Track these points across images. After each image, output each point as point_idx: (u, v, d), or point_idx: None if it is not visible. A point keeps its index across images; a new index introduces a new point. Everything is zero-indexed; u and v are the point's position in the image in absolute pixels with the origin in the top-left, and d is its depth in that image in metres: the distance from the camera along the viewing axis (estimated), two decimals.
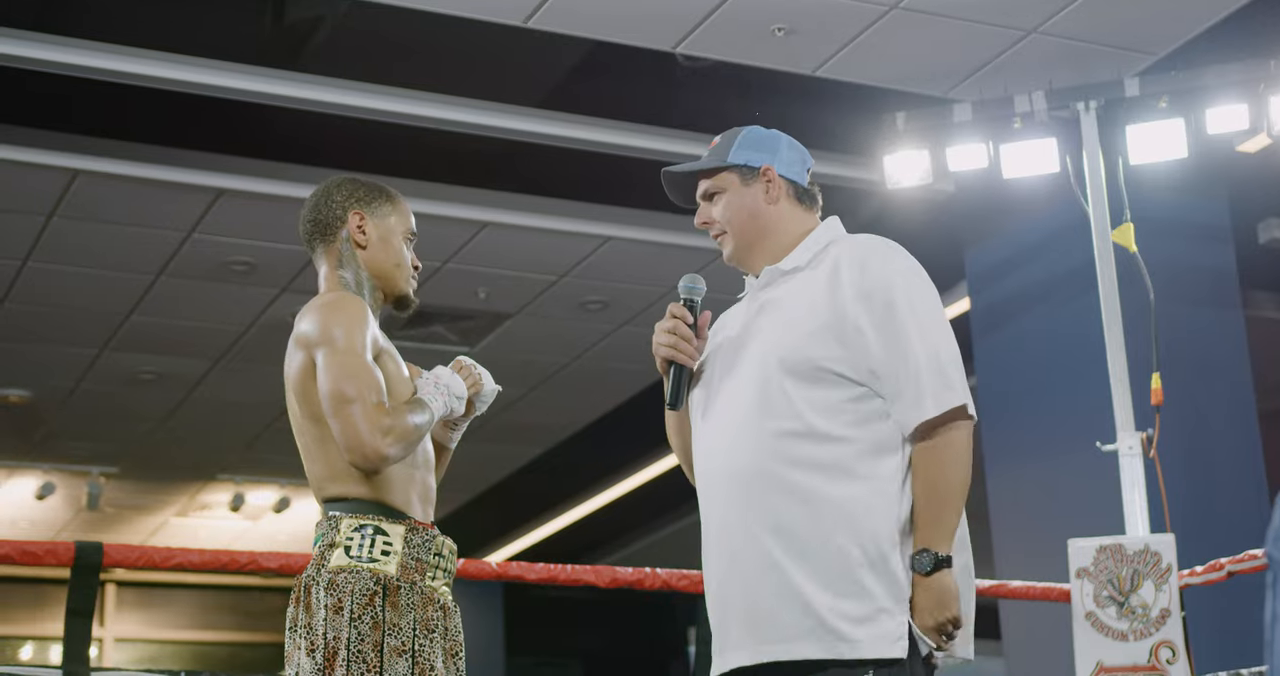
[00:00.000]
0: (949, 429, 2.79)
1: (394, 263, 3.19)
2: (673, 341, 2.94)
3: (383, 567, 2.92)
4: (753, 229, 3.01)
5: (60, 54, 6.23)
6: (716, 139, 3.10)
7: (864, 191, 7.57)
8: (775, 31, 6.26)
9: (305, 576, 2.96)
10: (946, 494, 2.75)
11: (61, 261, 8.00)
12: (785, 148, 3.07)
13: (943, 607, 2.71)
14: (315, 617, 2.89)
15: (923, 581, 2.71)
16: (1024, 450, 7.37)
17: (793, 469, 2.78)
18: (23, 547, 4.27)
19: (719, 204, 3.03)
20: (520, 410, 10.45)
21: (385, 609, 2.89)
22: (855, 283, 2.85)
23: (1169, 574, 5.19)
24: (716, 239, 3.05)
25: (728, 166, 3.03)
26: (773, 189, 3.02)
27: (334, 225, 3.17)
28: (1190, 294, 7.01)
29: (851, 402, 2.81)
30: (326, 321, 2.99)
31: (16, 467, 11.33)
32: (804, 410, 2.80)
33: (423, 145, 7.17)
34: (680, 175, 3.08)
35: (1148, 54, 6.51)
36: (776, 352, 2.84)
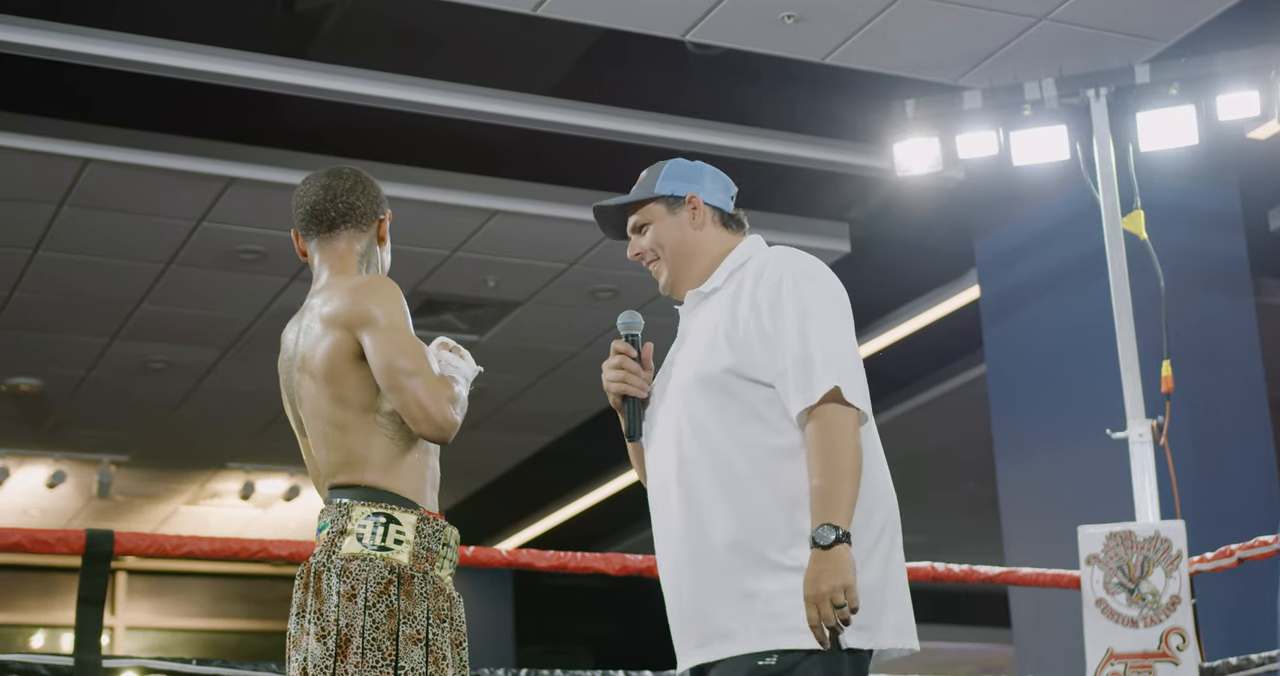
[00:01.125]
0: (829, 412, 2.83)
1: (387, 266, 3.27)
2: (621, 375, 3.06)
3: (395, 556, 2.95)
4: (681, 254, 3.11)
5: (70, 42, 6.23)
6: (642, 174, 3.20)
7: (874, 179, 7.57)
8: (785, 19, 6.25)
9: (314, 562, 2.97)
10: (837, 470, 2.78)
11: (72, 250, 8.01)
12: (709, 178, 3.17)
13: (837, 574, 2.70)
14: (327, 603, 2.90)
15: (821, 553, 2.72)
16: (1034, 437, 7.37)
17: (716, 476, 2.89)
18: (34, 536, 4.29)
19: (648, 235, 3.14)
20: (529, 398, 10.45)
21: (400, 597, 2.91)
22: (751, 291, 2.97)
23: (1179, 560, 5.18)
24: (650, 267, 3.16)
25: (654, 198, 3.13)
26: (698, 216, 3.12)
27: (370, 216, 3.22)
28: (1201, 281, 7.00)
29: (764, 405, 2.90)
30: (368, 301, 3.02)
31: (27, 456, 11.35)
32: (724, 419, 2.91)
33: (432, 133, 7.18)
34: (611, 210, 3.19)
35: (1158, 41, 6.49)
36: (692, 371, 2.97)
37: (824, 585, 2.69)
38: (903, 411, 10.40)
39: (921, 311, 9.09)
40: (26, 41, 6.18)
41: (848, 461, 2.79)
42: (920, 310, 9.09)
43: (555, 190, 7.74)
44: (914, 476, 12.56)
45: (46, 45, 6.21)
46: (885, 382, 9.91)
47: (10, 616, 13.78)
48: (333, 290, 3.08)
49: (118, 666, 4.53)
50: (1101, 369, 6.22)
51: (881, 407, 10.61)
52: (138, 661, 4.69)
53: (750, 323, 2.93)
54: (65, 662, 4.28)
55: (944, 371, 9.92)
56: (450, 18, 6.38)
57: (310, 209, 3.19)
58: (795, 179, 7.76)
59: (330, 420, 3.02)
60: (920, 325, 9.20)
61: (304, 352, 3.06)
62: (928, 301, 9.01)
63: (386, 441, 3.02)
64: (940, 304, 8.96)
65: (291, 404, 3.17)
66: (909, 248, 8.39)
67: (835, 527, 2.72)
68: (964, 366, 9.65)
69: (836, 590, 2.69)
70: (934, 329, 9.19)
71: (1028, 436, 7.43)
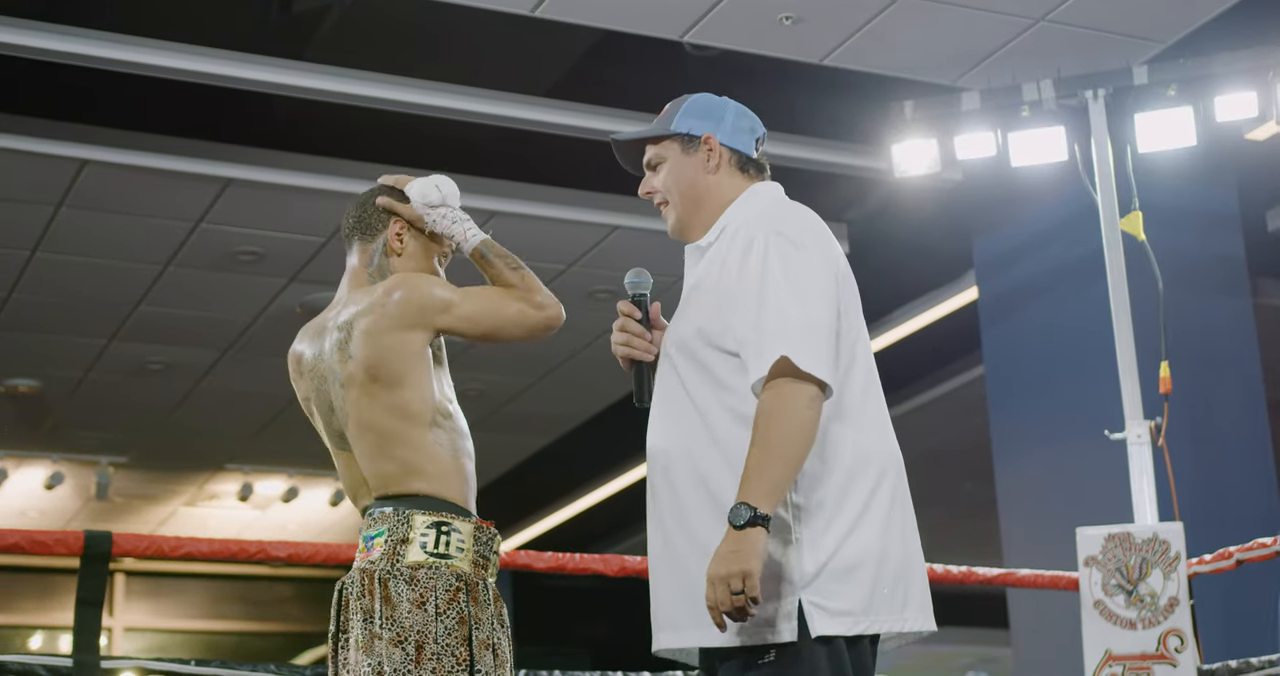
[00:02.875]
0: (780, 384, 2.64)
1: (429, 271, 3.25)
2: (625, 338, 2.94)
3: (459, 564, 2.99)
4: (689, 198, 2.95)
5: (68, 44, 6.23)
6: (667, 106, 3.05)
7: (872, 180, 7.57)
8: (783, 20, 6.25)
9: (377, 569, 2.98)
10: (769, 449, 2.59)
11: (70, 251, 8.00)
12: (731, 115, 3.01)
13: (740, 559, 2.53)
14: (398, 610, 2.93)
15: (733, 534, 2.55)
16: (1032, 438, 7.37)
17: (689, 452, 2.77)
18: (32, 537, 4.29)
19: (661, 173, 2.99)
20: (528, 399, 10.45)
21: (469, 604, 2.96)
22: (729, 252, 2.82)
23: (1177, 562, 5.18)
24: (659, 208, 3.02)
25: (670, 135, 2.99)
26: (713, 158, 2.96)
27: (376, 228, 3.23)
28: (1199, 282, 7.00)
29: (732, 375, 2.76)
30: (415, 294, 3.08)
31: (25, 457, 11.34)
32: (693, 387, 2.79)
33: (430, 134, 7.17)
34: (627, 144, 3.06)
35: (1156, 42, 6.49)
36: (676, 336, 2.85)
37: (724, 567, 2.54)
38: (901, 412, 10.39)
39: (920, 312, 9.09)
40: (24, 42, 6.18)
41: (784, 438, 2.60)
42: (918, 311, 9.08)
43: (553, 191, 7.74)
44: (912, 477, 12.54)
45: (44, 46, 6.21)
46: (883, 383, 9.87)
47: (8, 618, 13.77)
48: (355, 303, 3.10)
49: (116, 667, 4.52)
50: (1100, 370, 6.22)
51: None
52: (136, 662, 4.69)
53: (723, 284, 2.78)
54: (64, 663, 4.28)
55: (942, 372, 9.92)
56: (447, 19, 6.38)
57: (343, 235, 3.27)
58: (793, 180, 7.66)
59: (385, 432, 3.04)
60: (918, 326, 9.20)
61: (350, 367, 3.05)
62: (926, 302, 9.01)
63: (439, 451, 3.06)
64: (938, 305, 8.96)
65: (327, 419, 3.15)
66: (907, 249, 8.39)
67: (752, 508, 2.55)
68: (962, 367, 9.65)
69: (734, 575, 2.53)
70: (932, 330, 9.19)
71: (1026, 437, 7.43)
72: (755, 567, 2.54)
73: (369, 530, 3.04)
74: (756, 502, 2.57)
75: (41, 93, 6.82)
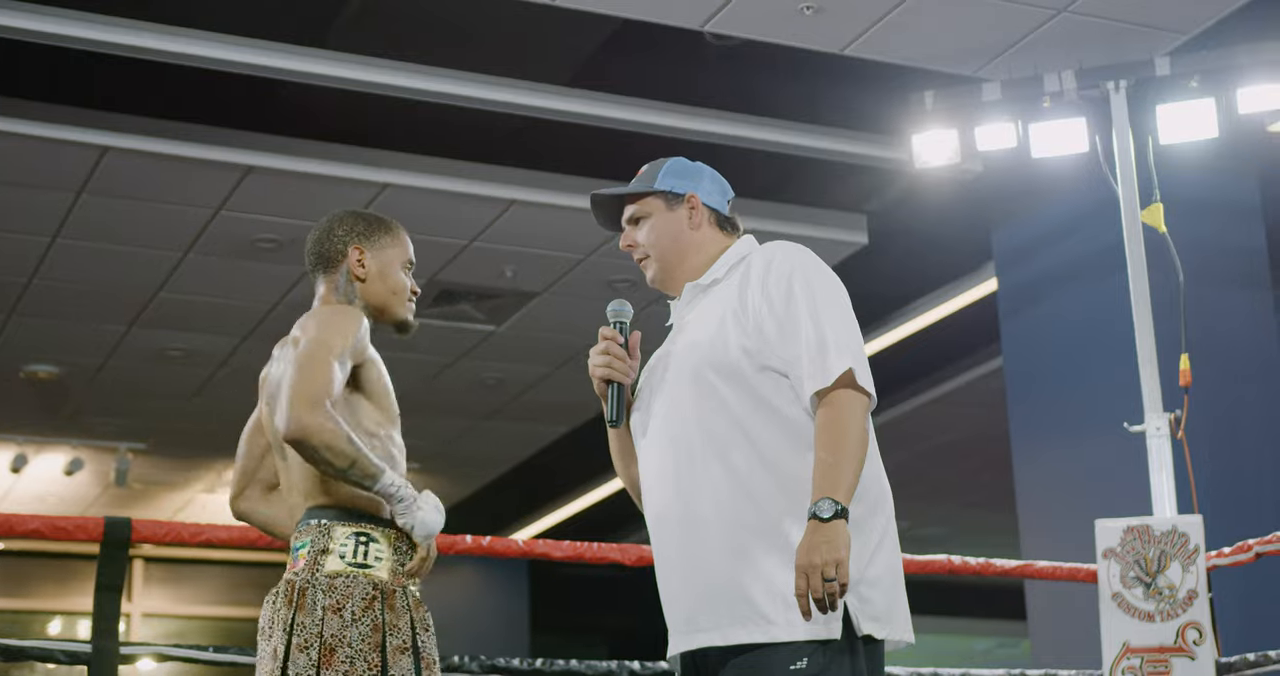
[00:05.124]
0: (841, 395, 2.85)
1: (391, 291, 3.36)
2: (607, 360, 3.08)
3: (376, 573, 3.08)
4: (674, 252, 3.14)
5: (90, 31, 6.24)
6: (643, 168, 3.23)
7: (892, 171, 7.56)
8: (804, 10, 6.24)
9: (298, 579, 3.08)
10: (845, 448, 2.80)
11: (90, 238, 8.02)
12: (708, 179, 3.20)
13: (832, 548, 2.69)
14: (311, 616, 3.02)
15: (819, 525, 2.72)
16: (1051, 431, 7.36)
17: (724, 463, 2.90)
18: (53, 522, 4.30)
19: (644, 228, 3.17)
20: (546, 389, 10.46)
21: (384, 611, 3.05)
22: (761, 279, 2.99)
23: (1196, 555, 5.17)
24: (640, 263, 3.19)
25: (653, 192, 3.17)
26: (695, 215, 3.15)
27: (335, 258, 3.36)
28: (1220, 274, 6.98)
29: (770, 390, 2.93)
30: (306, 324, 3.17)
31: (45, 443, 11.38)
32: (729, 403, 2.93)
33: (450, 122, 7.18)
34: (607, 200, 3.23)
35: (1179, 33, 6.47)
36: (699, 355, 2.98)
37: (817, 556, 2.69)
38: (920, 404, 10.39)
39: (939, 304, 9.08)
40: (45, 29, 6.19)
41: (855, 442, 2.81)
42: (937, 303, 9.07)
43: (573, 180, 7.74)
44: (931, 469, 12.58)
45: (66, 33, 6.22)
46: (902, 375, 9.90)
47: (27, 603, 13.83)
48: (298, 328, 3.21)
49: (135, 653, 4.54)
50: (1119, 362, 6.21)
51: (899, 400, 10.63)
52: (155, 648, 4.70)
53: (763, 309, 2.95)
54: (83, 649, 4.29)
55: (961, 364, 9.91)
56: (468, 7, 6.38)
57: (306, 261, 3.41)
58: (813, 170, 7.75)
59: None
60: (937, 318, 9.19)
61: (278, 380, 3.18)
62: (945, 294, 9.00)
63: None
64: (957, 296, 8.95)
65: (270, 433, 3.29)
66: (926, 240, 8.38)
67: (836, 502, 2.73)
68: (981, 359, 9.64)
69: (829, 563, 2.68)
70: (951, 321, 9.18)
71: (1045, 430, 7.41)
72: (846, 556, 2.70)
73: (296, 541, 3.16)
74: (838, 497, 2.74)
75: (63, 79, 6.84)
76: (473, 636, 13.26)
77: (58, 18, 6.19)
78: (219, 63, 6.45)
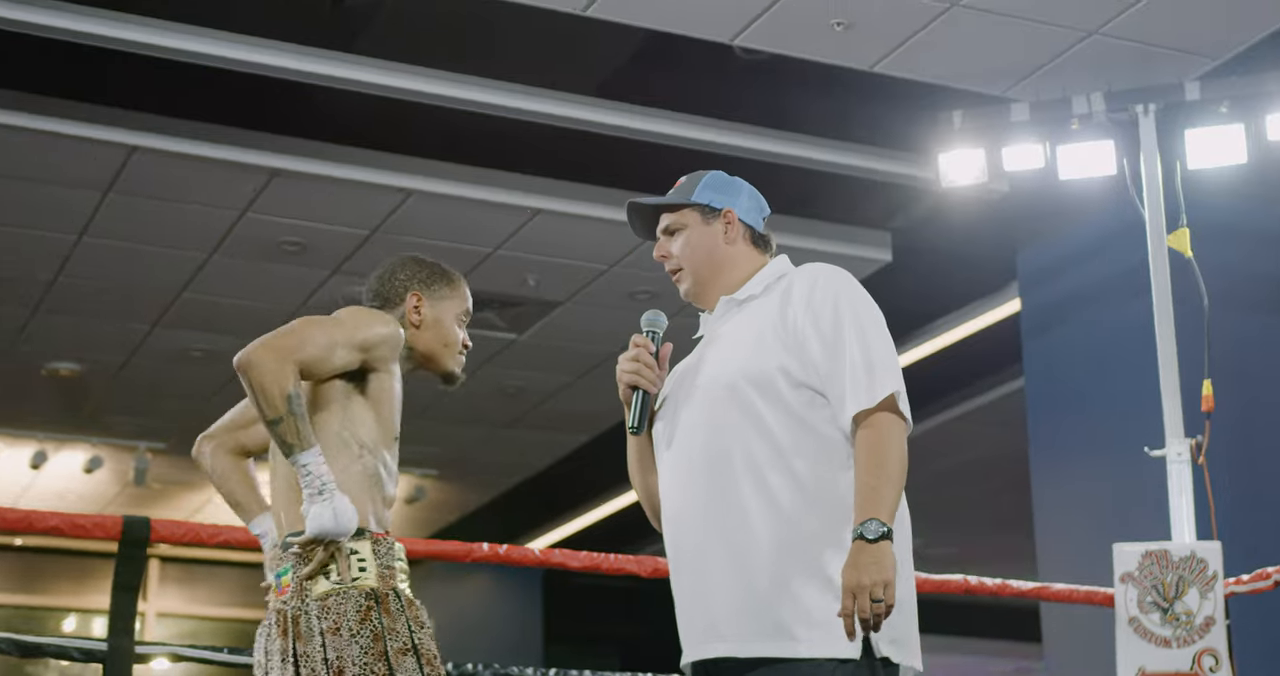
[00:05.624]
0: (884, 418, 2.87)
1: (443, 343, 3.37)
2: (636, 367, 3.09)
3: (366, 582, 3.05)
4: (709, 266, 3.15)
5: (121, 31, 6.27)
6: (681, 179, 3.24)
7: (918, 189, 7.55)
8: (834, 26, 6.24)
9: (288, 608, 3.05)
10: (888, 471, 2.81)
11: (116, 237, 8.05)
12: (746, 195, 3.21)
13: (881, 569, 2.70)
14: (312, 644, 2.99)
15: (865, 545, 2.73)
16: (1071, 453, 7.33)
17: (754, 478, 2.90)
18: (72, 520, 4.31)
19: (678, 240, 3.19)
20: (567, 398, 10.46)
21: (381, 618, 3.02)
22: (805, 298, 2.99)
23: (1214, 581, 5.15)
24: (673, 275, 3.21)
25: (691, 204, 3.18)
26: (731, 230, 3.16)
27: (393, 301, 3.35)
28: (1245, 300, 6.95)
29: (806, 407, 2.93)
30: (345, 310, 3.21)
31: (65, 441, 11.41)
32: (764, 417, 2.93)
33: (476, 130, 7.19)
34: (645, 208, 3.24)
35: (1209, 58, 6.46)
36: (735, 368, 2.98)
37: (866, 577, 2.70)
38: (940, 422, 10.37)
39: (961, 323, 9.06)
40: (76, 27, 6.22)
41: (897, 465, 2.82)
42: (960, 322, 9.06)
43: (598, 191, 7.74)
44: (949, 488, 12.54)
45: (96, 32, 6.25)
46: (923, 393, 9.85)
47: (44, 599, 13.86)
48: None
49: (150, 653, 4.54)
50: (1141, 386, 6.18)
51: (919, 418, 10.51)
52: (170, 648, 4.70)
53: (806, 328, 2.95)
54: (99, 647, 4.30)
55: (982, 384, 9.89)
56: (498, 15, 6.39)
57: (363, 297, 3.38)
58: (839, 186, 7.74)
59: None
60: (960, 337, 9.17)
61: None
62: (968, 313, 8.98)
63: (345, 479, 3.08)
64: (980, 316, 8.93)
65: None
66: (951, 259, 8.36)
67: (882, 523, 2.74)
68: (1003, 379, 9.61)
69: (878, 584, 2.70)
70: (973, 341, 9.16)
71: (1065, 451, 7.39)
72: (893, 577, 2.72)
73: (278, 567, 3.13)
74: (884, 519, 2.76)
75: (92, 78, 6.86)
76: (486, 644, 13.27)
77: (87, 16, 6.21)
78: (249, 65, 6.47)
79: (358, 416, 3.14)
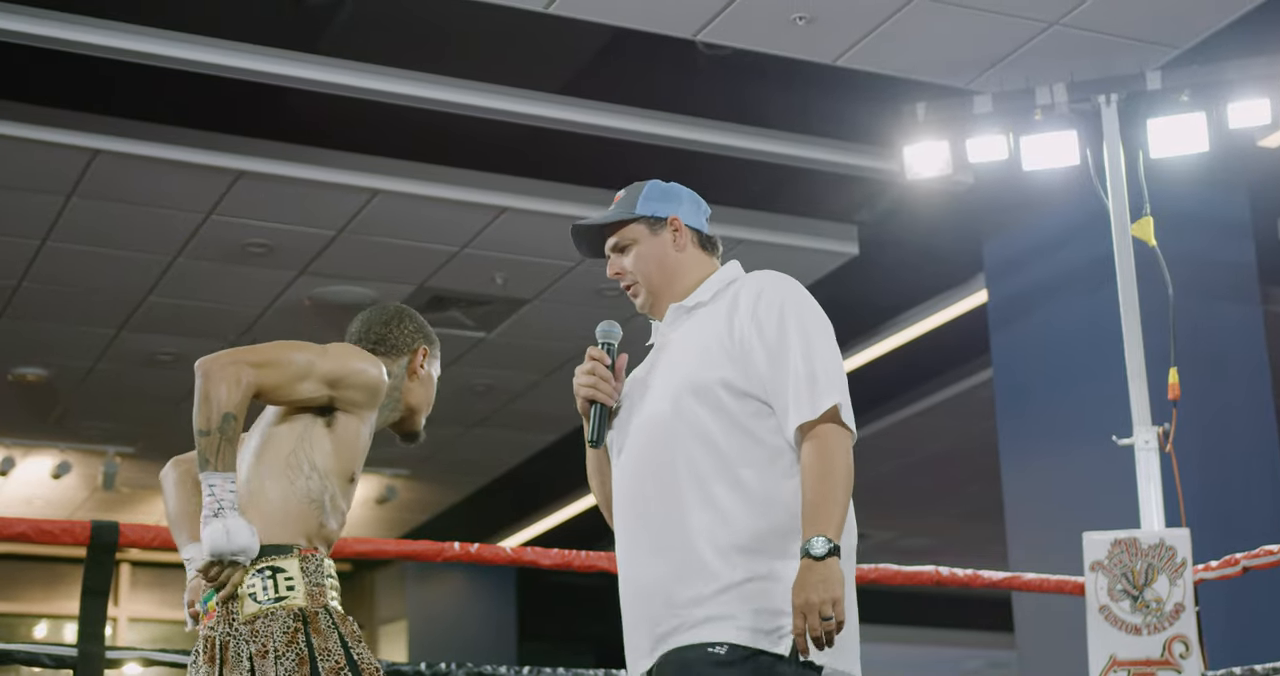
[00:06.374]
0: (828, 430, 2.86)
1: (428, 400, 3.42)
2: (592, 380, 3.07)
3: (294, 601, 3.00)
4: (661, 276, 3.14)
5: (81, 33, 6.23)
6: (620, 193, 3.23)
7: (883, 182, 7.56)
8: (796, 20, 6.25)
9: (217, 634, 3.00)
10: (833, 485, 2.80)
11: (80, 241, 8.01)
12: (688, 200, 3.20)
13: (829, 586, 2.70)
14: (238, 670, 2.94)
15: (813, 563, 2.72)
16: (1040, 443, 7.36)
17: (698, 485, 2.90)
18: (39, 526, 4.29)
19: (630, 255, 3.16)
20: (535, 397, 10.46)
21: (311, 637, 2.97)
22: (750, 307, 2.98)
23: (1184, 568, 5.18)
24: (628, 290, 3.19)
25: (636, 218, 3.16)
26: (680, 237, 3.15)
27: (400, 350, 3.37)
28: (1209, 289, 6.99)
29: (751, 417, 2.92)
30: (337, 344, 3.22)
31: (33, 446, 11.36)
32: (709, 428, 2.92)
33: (442, 129, 7.18)
34: (590, 229, 3.22)
35: (1170, 47, 6.49)
36: (681, 379, 2.97)
37: (814, 596, 2.70)
38: (909, 415, 10.39)
39: (929, 315, 9.08)
40: (37, 32, 6.18)
41: (843, 478, 2.82)
42: (927, 314, 9.08)
43: (564, 188, 7.74)
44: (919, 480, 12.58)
45: (57, 36, 6.21)
46: (892, 386, 9.90)
47: (13, 606, 13.79)
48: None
49: (121, 658, 4.53)
50: (1108, 375, 6.22)
51: (887, 411, 10.62)
52: (141, 653, 4.68)
53: (752, 338, 2.95)
54: (69, 653, 4.28)
55: (950, 375, 9.92)
56: (461, 14, 6.38)
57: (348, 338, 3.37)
58: (804, 180, 7.76)
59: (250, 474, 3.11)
60: (928, 329, 9.19)
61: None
62: (935, 305, 9.01)
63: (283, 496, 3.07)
64: (948, 308, 8.95)
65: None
66: (917, 251, 8.38)
67: (829, 539, 2.74)
68: (971, 371, 9.65)
69: (826, 602, 2.69)
70: (941, 333, 9.18)
71: (1034, 441, 7.42)
72: (842, 594, 2.71)
73: (204, 592, 3.07)
74: (830, 534, 2.75)
75: (54, 82, 6.83)
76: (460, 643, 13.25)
77: (49, 20, 6.18)
78: (211, 67, 6.45)
79: (316, 443, 3.12)
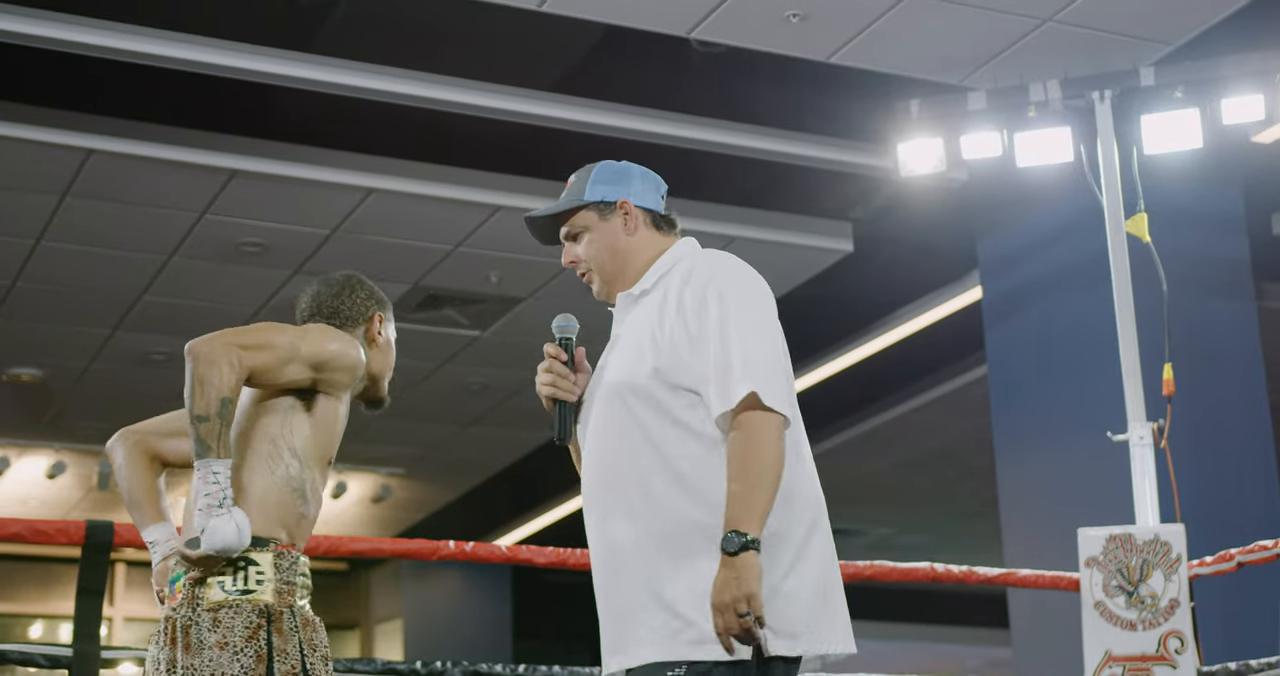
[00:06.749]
0: (751, 417, 2.77)
1: (388, 367, 3.39)
2: (550, 379, 3.06)
3: (261, 596, 2.97)
4: (613, 262, 3.09)
5: (76, 33, 6.23)
6: (571, 178, 3.19)
7: (877, 179, 7.57)
8: (790, 17, 6.25)
9: (179, 616, 2.98)
10: (753, 475, 2.73)
11: (74, 241, 8.01)
12: (638, 179, 3.14)
13: (741, 583, 2.64)
14: (200, 657, 2.91)
15: (728, 560, 2.67)
16: (1035, 439, 7.37)
17: (634, 481, 2.87)
18: (34, 526, 4.29)
19: (583, 242, 3.13)
20: (530, 395, 10.38)
21: (272, 636, 2.94)
22: (678, 295, 2.93)
23: (1178, 564, 5.18)
24: (584, 277, 3.16)
25: (585, 205, 3.13)
26: (630, 221, 3.09)
27: (355, 320, 3.33)
28: (1203, 284, 7.00)
29: (685, 410, 2.87)
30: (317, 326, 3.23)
31: (28, 446, 11.35)
32: (647, 423, 2.88)
33: (436, 128, 7.17)
34: (541, 219, 3.19)
35: (1163, 43, 6.49)
36: (621, 374, 2.94)
37: (728, 594, 2.65)
38: (903, 411, 10.40)
39: (923, 312, 9.09)
40: (31, 31, 6.18)
41: (764, 467, 2.74)
42: (922, 310, 9.09)
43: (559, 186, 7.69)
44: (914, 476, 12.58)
45: (51, 35, 6.21)
46: (887, 382, 9.91)
47: (8, 606, 13.79)
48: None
49: (116, 657, 4.53)
50: (1103, 371, 6.22)
51: (883, 407, 10.63)
52: (136, 652, 4.68)
53: (678, 327, 2.89)
54: (64, 653, 4.28)
55: (945, 372, 9.92)
56: (454, 12, 6.38)
57: (300, 314, 3.33)
58: (798, 178, 7.76)
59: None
60: (922, 326, 9.20)
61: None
62: (929, 302, 9.01)
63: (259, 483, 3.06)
64: (942, 304, 8.96)
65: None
66: (911, 248, 8.39)
67: (743, 535, 2.67)
68: (965, 367, 9.65)
69: (739, 599, 2.64)
70: (935, 329, 9.19)
71: (1028, 438, 7.42)
72: (757, 589, 2.66)
73: (172, 573, 3.07)
74: (747, 529, 2.69)
75: (48, 82, 6.82)
76: (456, 641, 13.25)
77: (43, 20, 6.18)
78: (205, 66, 6.45)
79: (296, 427, 3.11)
